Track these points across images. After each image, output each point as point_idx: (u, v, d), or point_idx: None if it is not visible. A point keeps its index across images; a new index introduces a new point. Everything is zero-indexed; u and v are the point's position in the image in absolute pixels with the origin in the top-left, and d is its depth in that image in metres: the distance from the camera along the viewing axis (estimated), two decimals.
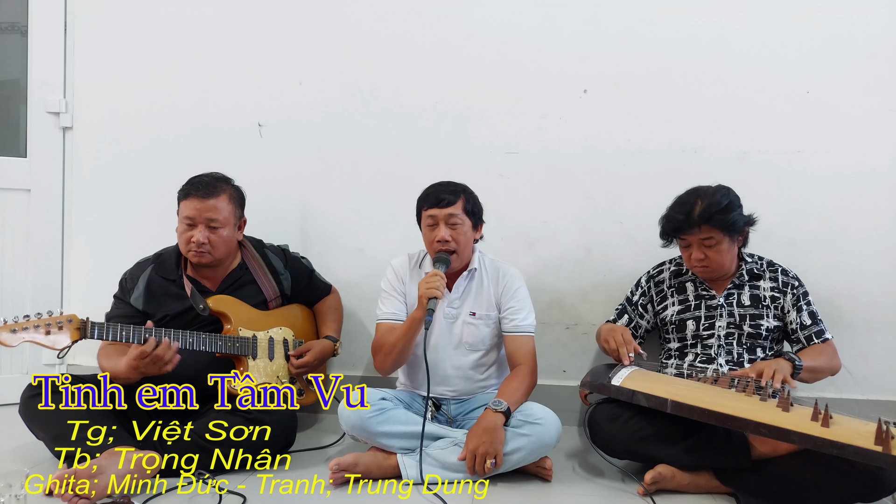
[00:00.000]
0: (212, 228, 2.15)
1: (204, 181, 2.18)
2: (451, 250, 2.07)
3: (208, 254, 2.15)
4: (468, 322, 2.15)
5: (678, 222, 2.05)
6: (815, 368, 2.04)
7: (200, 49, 2.69)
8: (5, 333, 1.84)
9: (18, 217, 2.71)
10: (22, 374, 2.71)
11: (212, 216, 2.14)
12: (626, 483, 1.97)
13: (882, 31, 2.41)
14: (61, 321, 1.90)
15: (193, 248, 2.14)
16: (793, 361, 1.97)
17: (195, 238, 2.13)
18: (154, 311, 2.18)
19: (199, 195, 2.14)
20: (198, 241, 2.13)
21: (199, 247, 2.13)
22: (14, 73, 2.86)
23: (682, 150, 2.50)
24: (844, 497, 1.74)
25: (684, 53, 2.49)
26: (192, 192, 2.15)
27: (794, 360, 1.98)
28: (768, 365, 1.93)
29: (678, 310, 2.19)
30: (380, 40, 2.61)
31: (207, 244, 2.14)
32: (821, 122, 2.44)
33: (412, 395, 2.17)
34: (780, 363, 1.96)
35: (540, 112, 2.55)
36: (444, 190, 2.10)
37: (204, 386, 2.11)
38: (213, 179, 2.19)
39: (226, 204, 2.17)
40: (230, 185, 2.23)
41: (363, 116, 2.63)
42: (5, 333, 1.84)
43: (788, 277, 2.17)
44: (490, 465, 1.87)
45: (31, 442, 2.03)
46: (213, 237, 2.15)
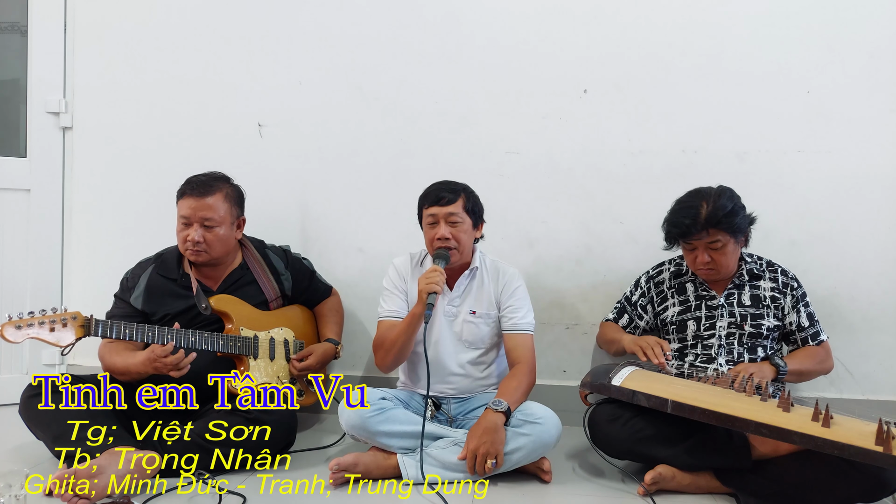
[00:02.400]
0: (207, 227, 2.15)
1: (200, 180, 2.18)
2: (450, 248, 2.07)
3: (205, 252, 2.16)
4: (468, 320, 2.15)
5: (685, 227, 2.03)
6: (802, 371, 2.10)
7: (200, 49, 2.69)
8: (10, 329, 1.84)
9: (18, 217, 2.71)
10: (22, 374, 2.71)
11: (206, 215, 2.14)
12: (626, 483, 1.97)
13: (882, 31, 2.41)
14: (66, 318, 1.90)
15: (190, 247, 2.15)
16: (777, 367, 2.03)
17: (190, 237, 2.13)
18: (154, 310, 2.18)
19: (194, 194, 2.14)
20: (193, 239, 2.13)
21: (194, 245, 2.14)
22: (14, 73, 2.86)
23: (682, 150, 2.50)
24: (845, 497, 1.74)
25: (684, 53, 2.49)
26: (187, 190, 2.16)
27: (780, 365, 2.03)
28: (747, 368, 2.00)
29: (679, 310, 2.19)
30: (380, 40, 2.61)
31: (203, 243, 2.14)
32: (821, 122, 2.44)
33: (412, 395, 2.17)
34: (763, 368, 2.02)
35: (540, 112, 2.55)
36: (445, 188, 2.10)
37: (204, 386, 2.11)
38: (209, 178, 2.20)
39: (221, 202, 2.17)
40: (227, 183, 2.23)
41: (363, 116, 2.63)
42: (10, 329, 1.84)
43: (788, 278, 2.17)
44: (490, 465, 1.87)
45: (31, 442, 2.03)
46: (209, 236, 2.15)
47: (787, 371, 2.03)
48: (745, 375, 1.95)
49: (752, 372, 1.97)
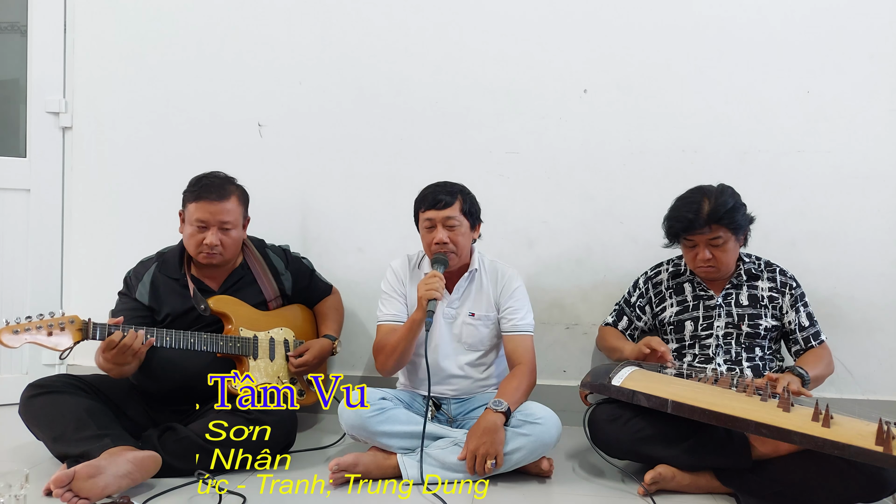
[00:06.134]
0: (224, 230, 2.14)
1: (214, 183, 2.16)
2: (448, 252, 2.07)
3: (220, 255, 2.15)
4: (467, 322, 2.15)
5: (688, 221, 2.03)
6: (817, 377, 2.05)
7: (200, 49, 2.69)
8: (7, 335, 1.84)
9: (18, 217, 2.71)
10: (22, 374, 2.71)
11: (224, 218, 2.13)
12: (626, 483, 1.97)
13: (882, 31, 2.41)
14: (63, 322, 1.90)
15: (205, 251, 2.13)
16: (802, 377, 1.96)
17: (208, 240, 2.12)
18: (159, 307, 2.18)
19: (212, 198, 2.12)
20: (211, 243, 2.12)
21: (211, 249, 2.13)
22: (14, 73, 2.86)
23: (682, 150, 2.50)
24: (845, 497, 1.74)
25: (684, 54, 2.49)
26: (203, 194, 2.13)
27: (803, 375, 1.97)
28: (782, 377, 1.92)
29: (676, 311, 2.19)
30: (380, 40, 2.61)
31: (220, 246, 2.14)
32: (821, 122, 2.44)
33: (412, 395, 2.17)
34: (792, 378, 1.94)
35: (540, 112, 2.56)
36: (442, 191, 2.08)
37: (204, 386, 2.10)
38: (221, 181, 2.18)
39: (236, 205, 2.17)
40: (238, 185, 2.24)
41: (363, 116, 2.63)
42: (7, 335, 1.84)
43: (786, 278, 2.17)
44: (490, 466, 1.87)
45: (31, 442, 2.03)
46: (226, 239, 2.15)
47: (809, 380, 1.97)
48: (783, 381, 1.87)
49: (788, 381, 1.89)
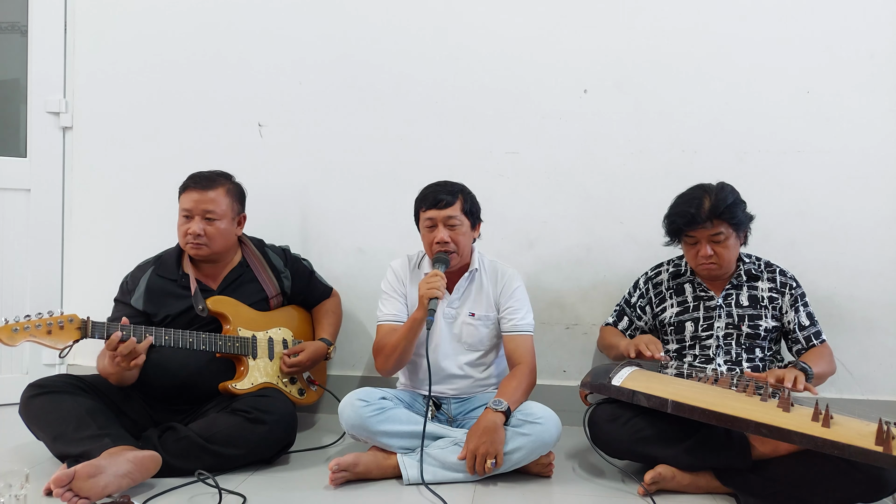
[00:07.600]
0: (208, 220, 2.15)
1: (203, 174, 2.21)
2: (450, 251, 2.07)
3: (205, 246, 2.16)
4: (467, 322, 2.15)
5: (690, 216, 2.03)
6: (820, 375, 2.04)
7: (200, 49, 2.69)
8: (7, 333, 1.84)
9: (18, 217, 2.71)
10: (22, 374, 2.71)
11: (208, 207, 2.15)
12: (626, 483, 1.97)
13: (882, 31, 2.41)
14: (62, 321, 1.90)
15: (190, 240, 2.15)
16: (805, 371, 1.94)
17: (191, 229, 2.14)
18: (155, 311, 2.17)
19: (197, 187, 2.17)
20: (194, 232, 2.14)
21: (195, 238, 2.14)
22: (14, 73, 2.86)
23: (682, 150, 2.50)
24: (845, 497, 1.74)
25: (684, 54, 2.49)
26: (190, 184, 2.19)
27: (807, 370, 1.95)
28: (788, 371, 1.90)
29: (677, 311, 2.19)
30: (380, 40, 2.62)
31: (204, 236, 2.15)
32: (821, 122, 2.44)
33: (413, 395, 2.17)
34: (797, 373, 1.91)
35: (540, 112, 2.56)
36: (442, 191, 2.09)
37: (204, 386, 2.11)
38: (212, 174, 2.22)
39: (223, 197, 2.19)
40: (229, 179, 2.25)
41: (363, 116, 2.63)
42: (7, 333, 1.84)
43: (786, 278, 2.17)
44: (490, 465, 1.87)
45: (31, 442, 2.03)
46: (210, 229, 2.15)
47: (813, 376, 1.95)
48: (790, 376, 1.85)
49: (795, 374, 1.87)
